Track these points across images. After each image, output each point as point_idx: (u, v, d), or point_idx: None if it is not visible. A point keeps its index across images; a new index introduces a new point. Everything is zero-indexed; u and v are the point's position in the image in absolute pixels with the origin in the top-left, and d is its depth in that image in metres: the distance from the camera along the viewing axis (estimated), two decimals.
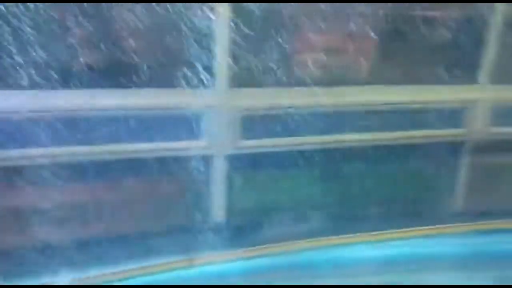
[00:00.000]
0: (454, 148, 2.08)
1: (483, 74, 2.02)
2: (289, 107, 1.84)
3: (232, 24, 1.71)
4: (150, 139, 1.74)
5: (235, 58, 1.75)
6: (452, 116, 2.04)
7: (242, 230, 1.90)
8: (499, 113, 2.08)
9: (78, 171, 1.70)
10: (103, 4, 1.60)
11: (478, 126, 2.08)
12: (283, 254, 1.80)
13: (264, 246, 1.83)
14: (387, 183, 2.02)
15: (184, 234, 1.85)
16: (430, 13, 1.93)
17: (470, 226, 1.94)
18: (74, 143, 1.68)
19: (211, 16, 1.69)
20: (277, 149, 1.86)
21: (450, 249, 1.88)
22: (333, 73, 1.89)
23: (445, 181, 2.11)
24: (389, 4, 1.86)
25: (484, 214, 2.01)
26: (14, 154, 1.64)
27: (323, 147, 1.90)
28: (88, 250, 1.76)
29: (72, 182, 1.72)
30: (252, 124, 1.83)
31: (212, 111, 1.79)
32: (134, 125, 1.73)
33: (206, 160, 1.81)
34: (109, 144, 1.71)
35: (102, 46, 1.63)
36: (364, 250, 1.83)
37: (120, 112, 1.72)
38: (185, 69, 1.70)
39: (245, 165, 1.87)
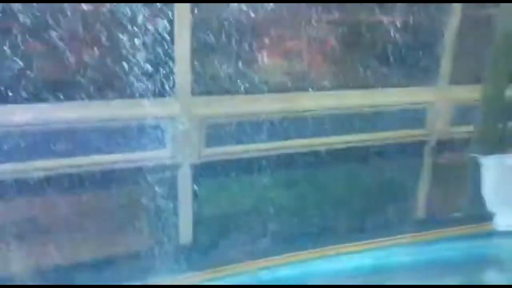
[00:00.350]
0: (414, 148, 2.12)
1: (442, 75, 2.07)
2: (251, 114, 1.84)
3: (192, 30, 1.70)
4: (114, 151, 1.71)
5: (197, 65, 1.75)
6: (413, 117, 2.08)
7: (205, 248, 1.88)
8: (459, 113, 2.13)
9: (38, 185, 1.66)
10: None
11: (439, 127, 2.12)
12: (245, 273, 1.78)
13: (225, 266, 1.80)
14: (348, 186, 2.05)
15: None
16: (388, 18, 1.95)
17: (427, 234, 1.96)
18: (34, 157, 1.64)
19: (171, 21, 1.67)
20: (241, 156, 1.86)
21: (410, 259, 1.89)
22: (294, 78, 1.90)
23: (405, 184, 2.15)
24: (348, 9, 1.88)
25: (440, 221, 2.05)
26: None
27: (286, 152, 1.91)
28: None
29: (31, 196, 1.68)
30: (216, 131, 1.82)
31: (176, 120, 1.78)
32: (97, 137, 1.70)
33: (172, 169, 1.80)
34: (75, 157, 1.68)
35: (55, 57, 1.60)
36: (328, 263, 1.83)
37: (82, 125, 1.69)
38: (146, 79, 1.68)
39: (210, 173, 1.86)
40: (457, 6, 2.03)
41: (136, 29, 1.65)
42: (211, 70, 1.79)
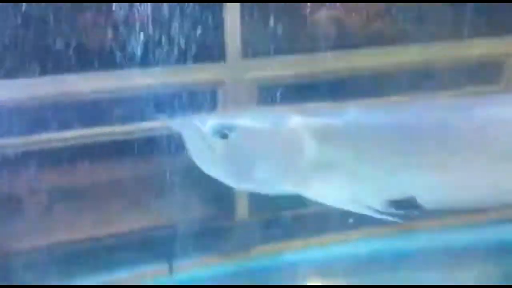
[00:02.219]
0: None
1: None
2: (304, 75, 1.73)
3: None
4: (162, 118, 1.62)
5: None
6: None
7: None
8: None
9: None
10: None
11: None
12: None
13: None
14: None
15: None
16: None
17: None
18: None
19: None
20: None
21: None
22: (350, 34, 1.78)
23: None
24: None
25: None
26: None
27: None
28: None
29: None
30: (268, 94, 1.72)
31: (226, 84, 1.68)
32: (147, 104, 1.62)
33: None
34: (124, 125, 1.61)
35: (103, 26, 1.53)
36: None
37: (130, 92, 1.62)
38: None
39: None
40: None
41: None
42: (262, 31, 1.68)
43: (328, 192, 1.00)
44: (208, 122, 0.96)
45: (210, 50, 1.65)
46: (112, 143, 1.65)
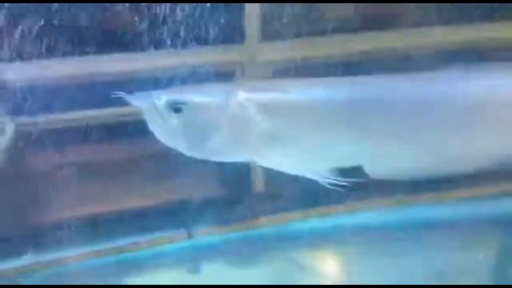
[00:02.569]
0: None
1: None
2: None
3: None
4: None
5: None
6: None
7: None
8: None
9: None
10: None
11: None
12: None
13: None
14: None
15: None
16: None
17: None
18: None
19: None
20: None
21: None
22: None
23: None
24: None
25: None
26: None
27: None
28: None
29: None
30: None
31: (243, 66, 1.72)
32: (166, 85, 1.67)
33: None
34: None
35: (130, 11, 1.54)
36: None
37: (147, 73, 1.66)
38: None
39: None
40: None
41: None
42: (279, 14, 1.69)
43: (277, 160, 1.11)
44: (163, 98, 1.06)
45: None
46: (132, 122, 1.72)
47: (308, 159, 1.11)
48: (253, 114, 1.05)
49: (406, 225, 1.86)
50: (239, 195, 1.89)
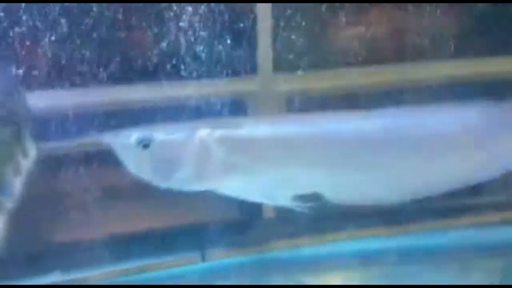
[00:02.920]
0: None
1: None
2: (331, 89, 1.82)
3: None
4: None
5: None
6: None
7: None
8: None
9: None
10: None
11: None
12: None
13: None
14: None
15: None
16: None
17: None
18: None
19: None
20: None
21: None
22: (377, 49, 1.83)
23: None
24: None
25: None
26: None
27: None
28: None
29: None
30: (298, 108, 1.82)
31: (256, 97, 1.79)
32: (178, 115, 1.74)
33: None
34: None
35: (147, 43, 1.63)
36: None
37: (159, 104, 1.74)
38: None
39: None
40: None
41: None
42: (292, 46, 1.75)
43: (237, 188, 1.25)
44: (132, 135, 1.21)
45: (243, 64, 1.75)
46: None
47: (267, 187, 1.25)
48: (213, 148, 1.19)
49: (411, 252, 1.89)
50: (250, 220, 1.95)
